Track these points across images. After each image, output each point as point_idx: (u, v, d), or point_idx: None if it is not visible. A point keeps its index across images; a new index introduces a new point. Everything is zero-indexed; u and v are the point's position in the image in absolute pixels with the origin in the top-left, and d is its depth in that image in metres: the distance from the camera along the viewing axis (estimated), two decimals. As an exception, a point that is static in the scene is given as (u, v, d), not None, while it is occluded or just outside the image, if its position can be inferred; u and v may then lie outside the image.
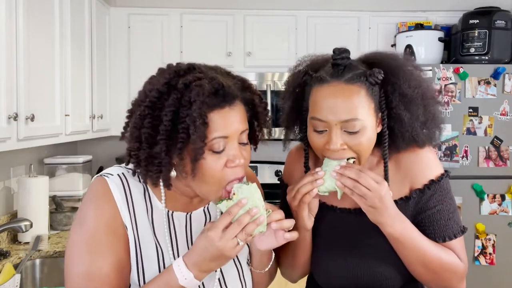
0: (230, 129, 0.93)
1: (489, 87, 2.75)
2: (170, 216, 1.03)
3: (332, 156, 1.05)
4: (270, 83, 3.08)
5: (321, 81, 1.05)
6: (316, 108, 1.05)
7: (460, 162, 2.75)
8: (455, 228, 1.12)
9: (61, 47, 2.20)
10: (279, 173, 3.30)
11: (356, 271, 1.13)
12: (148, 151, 0.91)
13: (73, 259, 0.95)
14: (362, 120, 1.02)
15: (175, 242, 1.03)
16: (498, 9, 2.86)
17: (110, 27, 3.08)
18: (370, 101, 1.04)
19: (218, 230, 0.90)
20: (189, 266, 0.92)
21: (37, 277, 2.18)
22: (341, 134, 1.03)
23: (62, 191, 2.65)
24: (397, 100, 1.06)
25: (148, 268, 0.99)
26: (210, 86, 0.90)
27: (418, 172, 1.12)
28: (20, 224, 1.85)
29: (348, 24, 3.19)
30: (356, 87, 1.02)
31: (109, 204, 0.97)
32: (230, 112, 0.93)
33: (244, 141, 0.98)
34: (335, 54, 1.05)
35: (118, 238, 0.96)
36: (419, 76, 1.11)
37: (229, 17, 3.17)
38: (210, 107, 0.90)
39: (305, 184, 1.04)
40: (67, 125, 2.29)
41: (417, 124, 1.09)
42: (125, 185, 1.00)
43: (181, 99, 0.89)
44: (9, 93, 1.71)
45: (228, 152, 0.94)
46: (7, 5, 1.69)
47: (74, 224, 0.99)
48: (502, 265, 2.77)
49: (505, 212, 2.77)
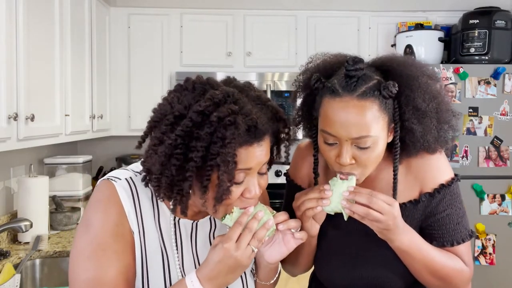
0: (253, 162, 0.91)
1: (489, 87, 2.76)
2: (177, 222, 1.02)
3: (341, 170, 1.03)
4: (270, 83, 3.08)
5: (333, 93, 1.00)
6: (326, 121, 1.01)
7: (460, 162, 2.75)
8: (463, 233, 1.11)
9: (61, 47, 2.20)
10: (279, 173, 3.30)
11: (360, 271, 1.13)
12: (172, 180, 0.88)
13: (79, 264, 0.92)
14: (374, 136, 0.99)
15: (180, 249, 1.02)
16: (498, 9, 2.86)
17: (110, 27, 3.08)
18: (384, 115, 1.00)
19: (232, 241, 0.90)
20: (203, 282, 0.91)
21: (37, 277, 2.18)
22: (351, 149, 1.00)
23: (62, 191, 2.64)
24: (410, 113, 1.03)
25: (153, 274, 0.98)
26: (245, 124, 0.86)
27: (428, 176, 1.11)
28: (20, 224, 1.85)
29: (348, 24, 3.19)
30: (369, 102, 0.98)
31: (116, 208, 0.95)
32: (258, 147, 0.91)
33: (264, 171, 0.97)
34: (348, 65, 0.99)
35: (125, 243, 0.94)
36: (434, 87, 1.07)
37: (229, 17, 3.17)
38: (240, 144, 0.87)
39: (311, 199, 1.03)
40: (67, 125, 2.29)
41: (430, 137, 1.06)
42: (133, 190, 0.98)
43: (213, 134, 0.85)
44: (9, 93, 1.71)
45: (248, 183, 0.93)
46: (7, 5, 1.69)
47: (79, 228, 0.96)
48: (502, 265, 2.77)
49: (505, 212, 2.77)
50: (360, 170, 1.02)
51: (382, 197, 1.00)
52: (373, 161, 1.03)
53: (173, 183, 0.88)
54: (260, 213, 0.94)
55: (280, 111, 0.98)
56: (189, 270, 1.01)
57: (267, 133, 0.93)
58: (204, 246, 1.06)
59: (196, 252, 1.05)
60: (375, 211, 0.98)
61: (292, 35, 3.19)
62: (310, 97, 1.11)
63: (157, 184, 0.91)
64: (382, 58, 1.09)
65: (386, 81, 1.00)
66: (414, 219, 1.11)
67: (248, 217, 0.93)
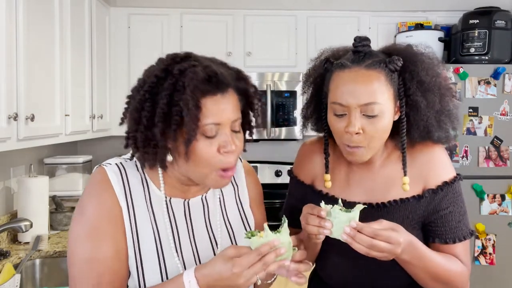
0: (222, 116, 0.96)
1: (489, 87, 2.76)
2: (169, 202, 1.06)
3: (350, 142, 1.06)
4: (270, 83, 3.08)
5: (342, 66, 1.08)
6: (336, 92, 1.07)
7: (460, 162, 2.75)
8: (464, 231, 1.14)
9: (61, 47, 2.20)
10: (279, 173, 3.30)
11: (360, 269, 1.14)
12: (146, 134, 0.95)
13: (75, 246, 0.98)
14: (381, 104, 1.04)
15: (175, 229, 1.04)
16: (498, 9, 2.86)
17: (110, 27, 3.08)
18: (389, 87, 1.06)
19: (243, 268, 0.91)
20: (200, 284, 0.93)
21: (37, 277, 2.18)
22: (360, 118, 1.05)
23: (62, 191, 2.64)
24: (414, 87, 1.09)
25: (146, 252, 1.01)
26: (204, 73, 0.94)
27: (432, 173, 1.14)
28: (20, 224, 1.85)
29: (348, 24, 3.19)
30: (376, 72, 1.05)
31: (108, 192, 1.00)
32: (222, 99, 0.96)
33: (237, 129, 1.00)
34: (356, 42, 1.10)
35: (117, 224, 0.99)
36: (437, 66, 1.13)
37: (229, 17, 3.17)
38: (203, 92, 0.94)
39: (311, 225, 1.02)
40: (67, 125, 2.29)
41: (432, 113, 1.10)
42: (123, 173, 1.04)
43: (176, 84, 0.93)
44: (9, 93, 1.71)
45: (220, 138, 0.97)
46: (7, 5, 1.69)
47: (75, 213, 1.01)
48: (502, 265, 2.77)
49: (505, 212, 2.77)
50: (367, 142, 1.06)
51: (386, 224, 0.99)
52: (380, 134, 1.06)
53: (148, 137, 0.95)
54: (282, 250, 0.94)
55: (242, 71, 1.04)
56: (186, 252, 1.03)
57: (230, 86, 0.98)
58: (201, 228, 1.08)
59: (193, 233, 1.06)
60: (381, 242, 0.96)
61: (292, 35, 3.19)
62: (320, 81, 1.17)
63: (134, 142, 0.98)
64: (386, 45, 1.19)
65: None
66: (417, 214, 1.13)
67: (269, 249, 0.93)
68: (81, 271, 0.97)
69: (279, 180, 3.33)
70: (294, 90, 3.08)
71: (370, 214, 1.10)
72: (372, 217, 1.08)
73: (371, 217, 1.08)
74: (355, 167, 1.18)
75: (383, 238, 0.96)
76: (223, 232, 1.10)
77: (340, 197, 1.15)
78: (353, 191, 1.17)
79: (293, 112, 3.09)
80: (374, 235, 0.96)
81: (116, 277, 0.98)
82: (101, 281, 0.96)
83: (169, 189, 1.06)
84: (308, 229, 1.02)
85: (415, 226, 1.14)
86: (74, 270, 0.98)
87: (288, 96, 3.08)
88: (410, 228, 1.11)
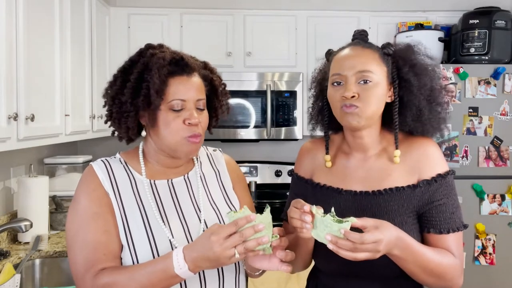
0: (187, 94, 1.12)
1: (489, 87, 2.76)
2: (153, 184, 1.19)
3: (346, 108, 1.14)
4: (270, 83, 3.08)
5: (341, 48, 1.23)
6: (335, 66, 1.20)
7: (460, 162, 2.75)
8: (458, 222, 1.19)
9: (61, 47, 2.20)
10: (279, 173, 3.30)
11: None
12: (119, 106, 1.13)
13: (72, 234, 1.12)
14: (375, 74, 1.16)
15: (161, 206, 1.16)
16: (498, 9, 2.86)
17: (110, 27, 3.08)
18: (383, 66, 1.19)
19: (220, 237, 0.97)
20: (186, 259, 1.00)
21: (37, 277, 2.18)
22: (355, 85, 1.15)
23: (62, 191, 2.64)
24: (407, 68, 1.20)
25: (134, 228, 1.12)
26: (171, 56, 1.13)
27: (427, 165, 1.20)
28: (20, 224, 1.85)
29: (348, 24, 3.19)
30: (372, 50, 1.20)
31: (94, 182, 1.15)
32: (188, 80, 1.14)
33: (201, 107, 1.16)
34: (355, 33, 1.25)
35: (107, 207, 1.13)
36: (428, 60, 1.25)
37: (229, 17, 3.17)
38: (170, 73, 1.11)
39: (295, 219, 1.05)
40: (67, 125, 2.29)
41: (425, 95, 1.19)
42: (107, 166, 1.19)
43: (147, 65, 1.11)
44: (9, 93, 1.71)
45: (185, 113, 1.12)
46: (7, 5, 1.69)
47: (70, 207, 1.15)
48: (502, 265, 2.77)
49: (505, 212, 2.77)
50: (362, 104, 1.14)
51: (370, 222, 1.02)
52: (373, 100, 1.16)
53: (121, 109, 1.13)
54: (260, 226, 0.98)
55: (209, 63, 1.24)
56: (175, 224, 1.14)
57: (195, 70, 1.16)
58: (188, 204, 1.18)
59: (181, 209, 1.18)
60: (367, 244, 0.99)
61: (292, 35, 3.19)
62: (323, 79, 1.28)
63: (110, 115, 1.17)
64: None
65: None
66: (412, 203, 1.18)
67: (246, 222, 0.97)
68: (79, 249, 1.09)
69: (279, 180, 3.32)
70: (294, 90, 3.08)
71: (367, 201, 1.17)
72: (369, 203, 1.16)
73: (369, 204, 1.16)
74: (352, 158, 1.25)
75: (369, 241, 0.99)
76: (209, 210, 1.18)
77: (336, 186, 1.22)
78: (350, 180, 1.23)
79: (293, 112, 3.08)
80: (360, 242, 0.99)
81: (109, 251, 1.09)
82: (96, 255, 1.07)
83: (151, 173, 1.20)
84: (292, 223, 1.06)
85: (410, 215, 1.19)
86: (73, 249, 1.10)
87: (288, 96, 3.08)
88: (406, 217, 1.17)
